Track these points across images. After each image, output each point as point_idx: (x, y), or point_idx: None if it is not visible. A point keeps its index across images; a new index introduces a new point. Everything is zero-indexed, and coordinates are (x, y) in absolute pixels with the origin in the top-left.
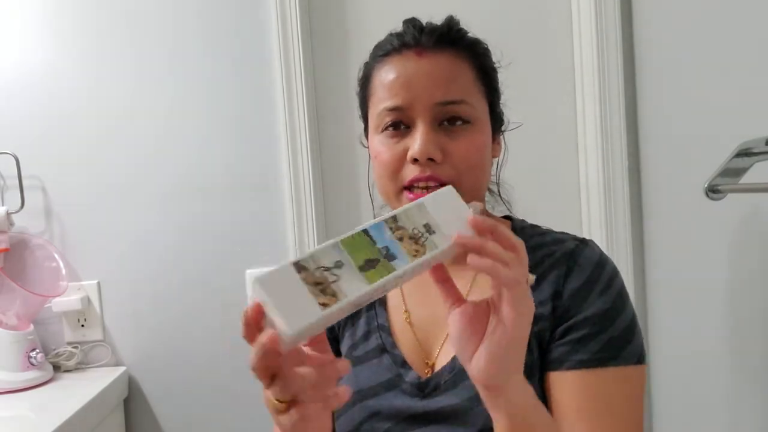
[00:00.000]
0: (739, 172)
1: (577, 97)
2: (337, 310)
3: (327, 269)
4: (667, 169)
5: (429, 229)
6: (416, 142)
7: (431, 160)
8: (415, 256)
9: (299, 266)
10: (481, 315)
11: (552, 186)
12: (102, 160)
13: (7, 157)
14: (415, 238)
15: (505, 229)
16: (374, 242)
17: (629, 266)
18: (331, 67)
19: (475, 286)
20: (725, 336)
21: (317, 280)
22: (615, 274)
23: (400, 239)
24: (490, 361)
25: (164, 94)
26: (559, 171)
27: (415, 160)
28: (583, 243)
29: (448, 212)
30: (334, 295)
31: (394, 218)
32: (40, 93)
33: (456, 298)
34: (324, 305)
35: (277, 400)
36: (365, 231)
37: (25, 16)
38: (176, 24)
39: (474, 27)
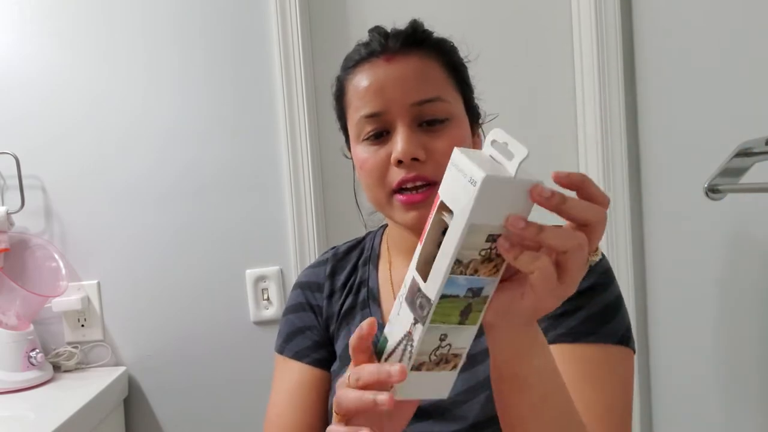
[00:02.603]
0: (739, 172)
1: (577, 97)
2: (465, 359)
3: (438, 348)
4: (667, 169)
5: (495, 238)
6: (398, 144)
7: (415, 159)
8: (497, 271)
9: (417, 368)
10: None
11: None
12: (102, 159)
13: (7, 157)
14: (488, 258)
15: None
16: (457, 296)
17: (629, 266)
18: (331, 66)
19: None
20: (725, 335)
21: (437, 360)
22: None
23: (476, 271)
24: (504, 305)
25: (164, 94)
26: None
27: (399, 162)
28: None
29: (501, 205)
30: (456, 355)
31: (458, 261)
32: (40, 93)
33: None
34: (455, 366)
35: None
36: (443, 296)
37: (24, 15)
38: (176, 24)
39: (473, 27)
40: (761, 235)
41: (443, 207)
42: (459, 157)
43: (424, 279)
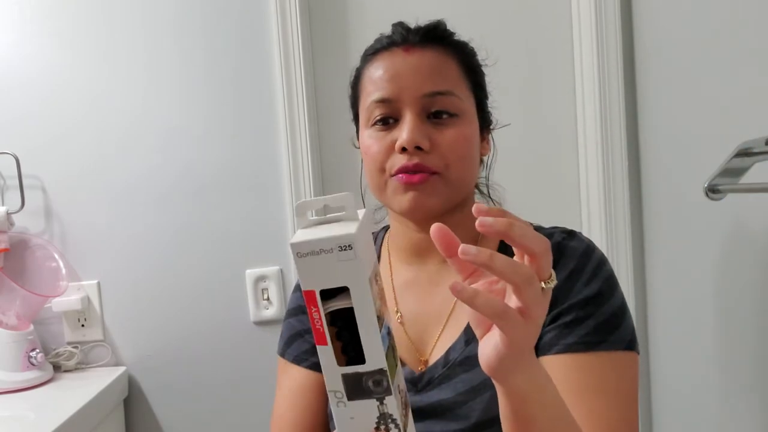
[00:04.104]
0: (739, 172)
1: (577, 97)
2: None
3: (402, 400)
4: (667, 169)
5: (376, 275)
6: (404, 131)
7: (419, 148)
8: (382, 297)
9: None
10: None
11: (552, 186)
12: (102, 159)
13: (7, 157)
14: (379, 295)
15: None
16: (387, 347)
17: (629, 266)
18: (331, 67)
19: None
20: (725, 335)
21: (405, 411)
22: (602, 262)
23: (381, 312)
24: (488, 359)
25: (164, 94)
26: (559, 171)
27: (403, 150)
28: (570, 235)
29: (369, 249)
30: (405, 393)
31: (379, 319)
32: (40, 93)
33: (468, 274)
34: (406, 405)
35: None
36: (389, 348)
37: (24, 15)
38: (176, 24)
39: (474, 27)
40: (761, 235)
41: (319, 299)
42: (299, 245)
43: (360, 362)
